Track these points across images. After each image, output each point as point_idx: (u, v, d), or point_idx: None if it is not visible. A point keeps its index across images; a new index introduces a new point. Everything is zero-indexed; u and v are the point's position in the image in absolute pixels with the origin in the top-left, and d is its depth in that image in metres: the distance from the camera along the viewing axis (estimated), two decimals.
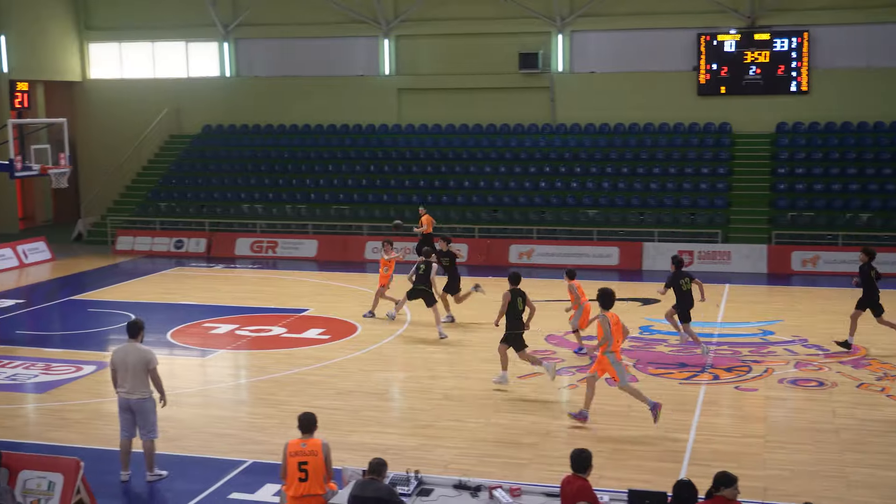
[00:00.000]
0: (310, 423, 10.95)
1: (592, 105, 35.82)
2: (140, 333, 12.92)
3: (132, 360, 12.68)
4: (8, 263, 30.13)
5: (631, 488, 10.16)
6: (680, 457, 13.68)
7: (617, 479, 12.63)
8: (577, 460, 9.82)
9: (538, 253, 30.33)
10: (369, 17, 37.49)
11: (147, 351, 12.83)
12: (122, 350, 12.82)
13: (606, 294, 15.09)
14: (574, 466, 9.80)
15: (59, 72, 40.27)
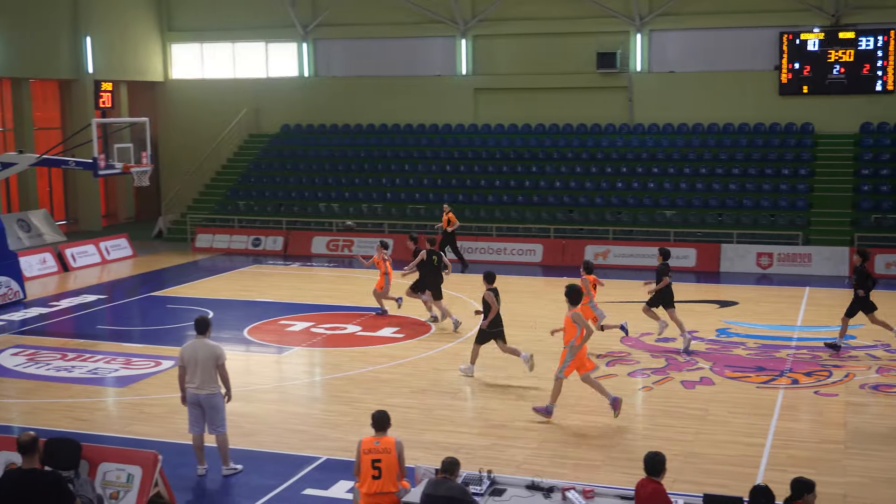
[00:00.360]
0: (383, 421, 10.97)
1: (671, 105, 35.46)
2: (208, 329, 13.06)
3: (202, 356, 12.82)
4: (91, 260, 30.74)
5: (706, 493, 10.03)
6: (756, 462, 13.44)
7: (692, 483, 12.47)
8: (651, 463, 9.69)
9: (614, 254, 30.08)
10: (447, 17, 37.55)
11: (216, 346, 12.98)
12: (192, 346, 12.97)
13: (575, 290, 15.42)
14: (648, 469, 9.68)
15: (142, 72, 41.01)
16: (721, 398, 16.34)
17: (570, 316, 15.13)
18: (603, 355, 19.05)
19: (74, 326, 22.74)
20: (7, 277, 24.42)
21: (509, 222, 32.61)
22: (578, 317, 15.13)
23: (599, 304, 19.31)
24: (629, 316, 21.73)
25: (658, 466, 9.65)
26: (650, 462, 9.68)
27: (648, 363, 18.57)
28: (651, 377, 17.62)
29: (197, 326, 13.05)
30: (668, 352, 19.33)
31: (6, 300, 24.30)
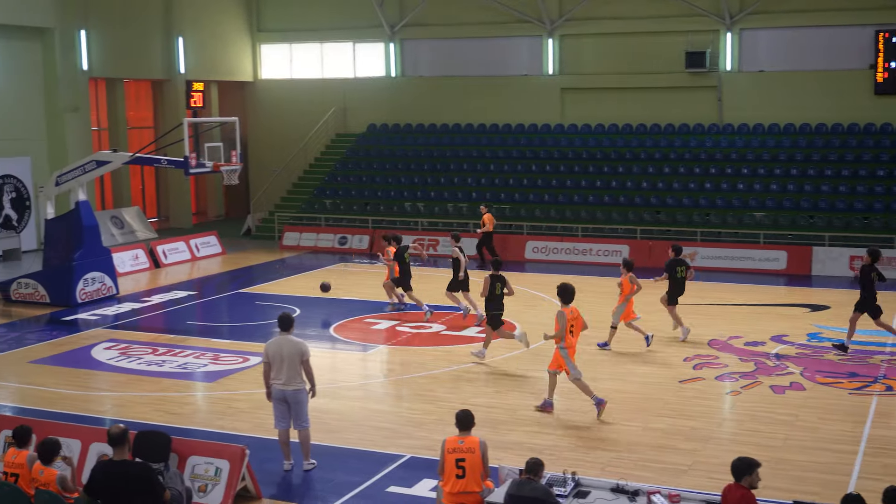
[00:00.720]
0: (468, 420, 11.00)
1: (761, 105, 34.85)
2: (292, 326, 13.19)
3: (287, 352, 12.96)
4: (181, 256, 31.28)
5: (796, 500, 9.84)
6: (848, 470, 13.14)
7: (780, 489, 12.25)
8: (741, 468, 9.52)
9: (701, 256, 29.66)
10: (534, 16, 37.43)
11: (301, 343, 13.11)
12: (277, 343, 13.10)
13: (566, 289, 15.38)
14: (736, 475, 9.51)
15: (232, 72, 41.64)
16: (811, 404, 16.02)
17: (557, 315, 15.30)
18: (690, 358, 18.83)
19: (165, 322, 23.18)
20: (101, 273, 24.96)
21: (595, 223, 32.37)
22: (561, 316, 15.20)
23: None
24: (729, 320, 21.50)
25: (746, 470, 9.45)
26: (739, 467, 9.51)
27: (737, 367, 18.27)
28: (739, 381, 17.33)
29: (281, 323, 13.19)
30: (758, 356, 19.00)
31: (100, 295, 24.86)
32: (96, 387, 17.47)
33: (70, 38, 33.95)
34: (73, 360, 19.15)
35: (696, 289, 26.25)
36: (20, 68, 32.97)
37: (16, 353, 19.81)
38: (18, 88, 32.89)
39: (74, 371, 18.43)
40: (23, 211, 32.55)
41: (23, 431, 11.23)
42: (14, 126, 32.70)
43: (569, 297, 15.38)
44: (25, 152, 32.87)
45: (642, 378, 17.59)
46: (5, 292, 24.87)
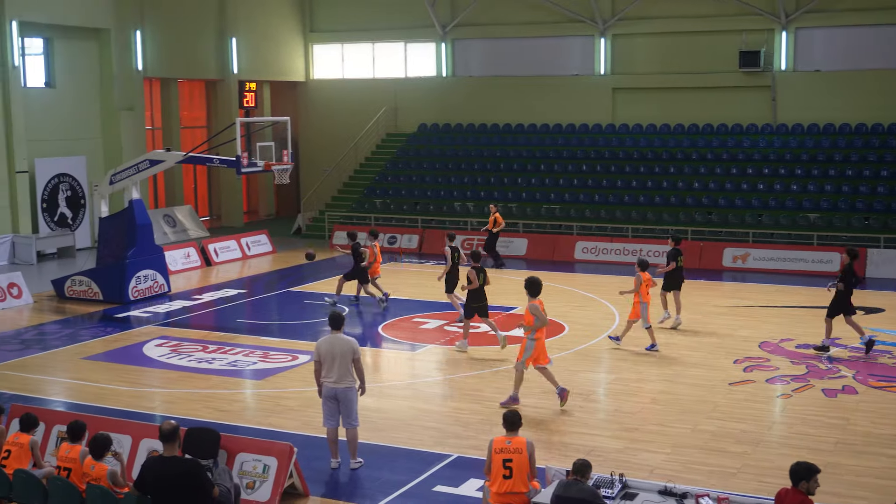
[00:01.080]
0: (515, 421, 10.99)
1: (816, 105, 34.41)
2: (342, 325, 13.25)
3: (339, 350, 13.01)
4: (232, 255, 31.53)
5: None
6: None
7: (832, 494, 12.08)
8: (799, 473, 9.27)
9: (754, 257, 29.36)
10: (586, 16, 37.28)
11: (352, 341, 13.16)
12: (328, 341, 13.16)
13: (534, 283, 15.67)
14: (794, 479, 9.28)
15: (284, 72, 41.91)
16: (864, 408, 15.80)
17: (528, 307, 15.49)
18: (740, 360, 18.64)
19: (215, 319, 23.39)
20: (153, 271, 25.22)
21: (645, 223, 32.18)
22: (535, 309, 15.37)
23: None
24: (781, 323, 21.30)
25: (804, 475, 9.22)
26: (797, 471, 9.27)
27: (788, 370, 18.05)
28: (791, 384, 17.12)
29: (332, 322, 13.26)
30: (810, 358, 18.77)
31: (152, 293, 25.13)
32: (147, 383, 17.66)
33: (126, 38, 34.38)
34: (124, 357, 19.38)
35: (747, 291, 26.04)
36: (77, 68, 33.45)
37: (69, 349, 20.09)
38: (75, 88, 33.38)
39: (126, 367, 18.65)
40: (77, 209, 33.01)
41: (77, 427, 11.39)
42: (70, 125, 33.19)
43: (537, 290, 15.71)
44: (81, 151, 33.35)
45: (692, 380, 17.44)
46: (59, 289, 25.22)
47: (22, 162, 30.71)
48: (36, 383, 17.69)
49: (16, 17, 30.21)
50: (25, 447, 11.58)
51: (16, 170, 30.54)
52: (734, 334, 20.85)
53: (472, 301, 19.50)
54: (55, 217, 32.22)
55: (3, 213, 30.46)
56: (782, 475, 12.72)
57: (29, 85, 32.02)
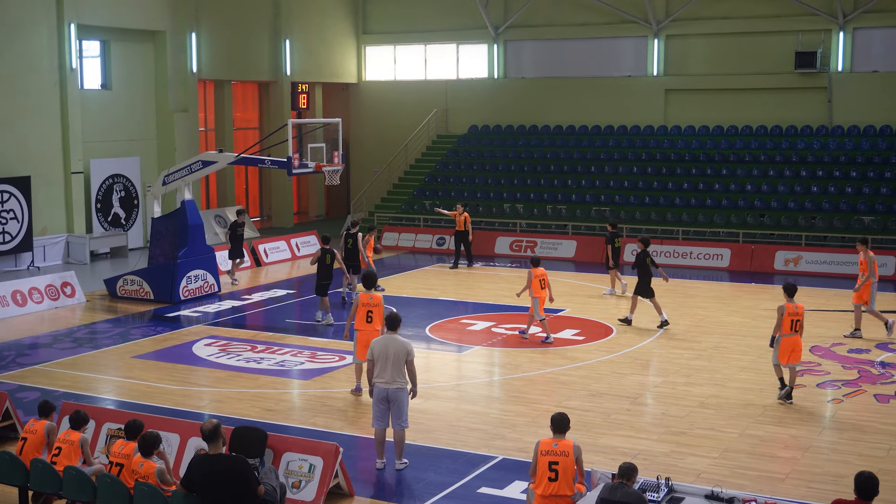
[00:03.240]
0: (563, 423, 10.88)
1: (874, 106, 33.88)
2: (399, 326, 13.29)
3: (393, 351, 13.05)
4: (282, 255, 31.73)
5: None
6: None
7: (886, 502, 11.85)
8: (865, 485, 8.93)
9: (806, 260, 28.99)
10: (639, 17, 37.05)
11: (407, 343, 13.20)
12: (383, 341, 13.20)
13: (368, 276, 16.63)
14: (860, 492, 8.95)
15: (337, 74, 42.13)
16: None
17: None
18: None
19: (264, 319, 23.55)
20: (204, 271, 25.45)
21: (696, 226, 31.90)
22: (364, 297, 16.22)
23: None
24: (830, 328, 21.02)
25: (872, 491, 8.89)
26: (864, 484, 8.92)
27: (839, 374, 17.81)
28: (842, 389, 16.89)
29: (389, 322, 13.30)
30: (862, 363, 18.50)
31: (202, 292, 25.35)
32: (196, 382, 17.82)
33: (181, 40, 34.74)
34: (174, 356, 19.58)
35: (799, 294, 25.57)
36: (133, 70, 33.87)
37: (119, 347, 20.33)
38: (130, 90, 33.80)
39: (175, 366, 18.84)
40: (131, 210, 33.41)
41: (134, 426, 11.45)
42: (125, 127, 33.61)
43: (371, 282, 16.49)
44: (135, 152, 33.75)
45: (742, 384, 17.25)
46: (112, 289, 25.54)
47: (77, 163, 31.16)
48: (87, 381, 17.92)
49: (74, 20, 30.66)
50: (76, 444, 11.73)
51: (71, 170, 31.01)
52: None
53: (322, 279, 22.53)
54: (109, 217, 32.65)
55: (59, 212, 30.93)
56: (832, 481, 12.64)
57: (85, 87, 32.47)
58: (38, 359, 19.41)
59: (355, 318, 16.14)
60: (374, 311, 16.04)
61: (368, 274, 16.66)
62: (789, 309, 16.02)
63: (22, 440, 12.17)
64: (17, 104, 29.57)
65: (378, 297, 16.17)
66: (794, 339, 16.03)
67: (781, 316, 16.02)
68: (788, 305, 16.07)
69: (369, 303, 16.05)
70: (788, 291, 16.34)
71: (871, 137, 33.55)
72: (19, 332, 21.72)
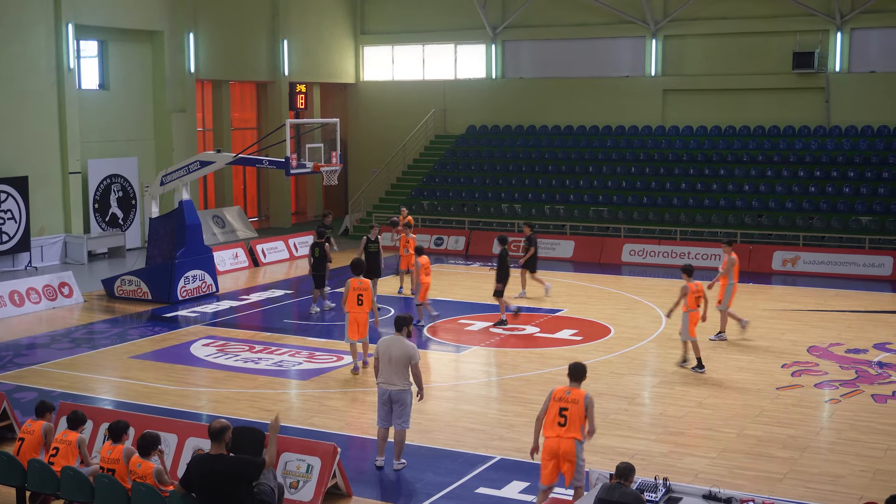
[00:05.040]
0: (579, 372, 11.52)
1: (871, 106, 33.89)
2: (405, 328, 13.27)
3: (395, 353, 13.04)
4: (280, 255, 31.72)
5: None
6: None
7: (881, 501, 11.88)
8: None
9: (804, 261, 29.01)
10: (637, 17, 37.05)
11: (411, 346, 13.14)
12: (387, 342, 13.20)
13: (356, 264, 18.33)
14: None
15: (335, 74, 42.11)
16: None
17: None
18: (788, 365, 18.44)
19: (262, 320, 23.54)
20: (202, 271, 25.44)
21: (694, 226, 31.92)
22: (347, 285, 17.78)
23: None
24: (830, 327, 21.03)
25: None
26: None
27: (837, 374, 17.83)
28: (839, 389, 16.91)
29: (396, 323, 13.30)
30: (859, 363, 18.52)
31: (200, 293, 25.35)
32: (194, 382, 17.81)
33: (179, 40, 34.71)
34: (172, 356, 19.57)
35: (797, 294, 25.76)
36: (130, 71, 33.85)
37: (117, 348, 20.32)
38: (128, 90, 33.78)
39: (173, 367, 18.83)
40: (128, 210, 33.40)
41: (118, 427, 11.44)
42: (123, 127, 33.59)
43: (359, 270, 18.18)
44: (133, 153, 33.73)
45: (739, 384, 17.27)
46: (109, 289, 25.53)
47: (75, 163, 31.14)
48: (84, 382, 17.91)
49: (72, 20, 30.63)
50: (73, 445, 11.71)
51: (69, 171, 30.99)
52: (782, 338, 20.63)
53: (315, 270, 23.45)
54: (106, 217, 32.63)
55: (56, 213, 30.91)
56: (829, 481, 12.67)
57: (83, 87, 32.44)
58: (36, 359, 19.40)
59: (347, 302, 17.79)
60: (364, 294, 17.82)
61: (356, 262, 18.48)
62: (692, 288, 17.91)
63: (19, 440, 12.17)
64: (14, 104, 29.54)
65: (366, 281, 18.00)
66: (698, 313, 18.07)
67: (685, 294, 17.89)
68: (690, 285, 17.92)
69: (359, 287, 17.83)
70: (688, 271, 18.22)
71: (868, 138, 33.58)
72: (17, 333, 21.71)
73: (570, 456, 11.05)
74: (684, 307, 18.01)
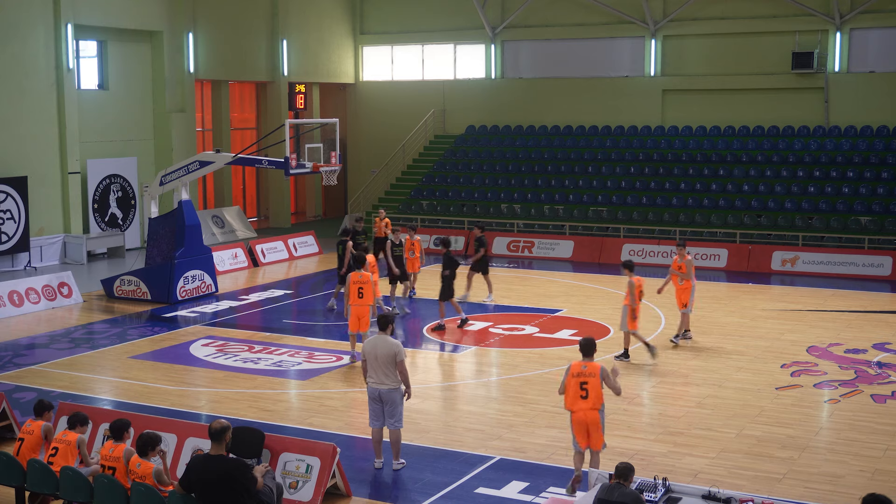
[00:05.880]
0: (590, 347, 12.68)
1: (870, 106, 33.89)
2: (389, 326, 13.26)
3: (381, 352, 13.04)
4: (279, 256, 31.71)
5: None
6: None
7: None
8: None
9: (803, 261, 29.01)
10: (637, 17, 37.06)
11: (395, 344, 13.14)
12: (373, 342, 13.20)
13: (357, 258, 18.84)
14: None
15: (334, 74, 42.11)
16: None
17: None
18: (788, 365, 18.44)
19: (262, 320, 23.53)
20: (201, 271, 25.44)
21: (693, 226, 31.92)
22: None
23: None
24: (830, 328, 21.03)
25: None
26: None
27: (836, 374, 17.83)
28: (839, 389, 16.91)
29: (379, 322, 13.30)
30: (859, 363, 18.52)
31: (199, 293, 25.34)
32: (193, 382, 17.81)
33: (178, 40, 34.72)
34: (171, 356, 19.57)
35: (796, 294, 25.76)
36: (130, 71, 33.85)
37: (117, 348, 20.31)
38: (127, 90, 33.77)
39: (173, 367, 18.83)
40: (128, 210, 33.39)
41: (120, 426, 11.44)
42: (122, 127, 33.59)
43: (360, 263, 18.69)
44: (132, 153, 33.73)
45: (738, 384, 17.27)
46: (109, 289, 25.52)
47: (74, 163, 31.14)
48: (84, 381, 17.91)
49: (71, 20, 30.63)
50: (73, 445, 11.70)
51: (68, 171, 30.98)
52: (782, 338, 20.64)
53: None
54: (106, 217, 32.63)
55: (55, 213, 30.90)
56: (829, 481, 12.67)
57: (82, 87, 32.44)
58: (35, 359, 19.40)
59: (349, 295, 18.51)
60: (365, 287, 18.46)
61: (358, 256, 19.05)
62: (635, 282, 18.56)
63: (19, 440, 12.17)
64: (13, 104, 29.54)
65: (367, 275, 18.57)
66: (639, 307, 18.72)
67: (634, 288, 18.50)
68: (634, 279, 18.62)
69: (359, 280, 18.49)
70: (629, 266, 19.02)
71: (867, 138, 33.58)
72: (16, 333, 21.71)
73: (596, 424, 12.29)
74: (626, 300, 18.59)
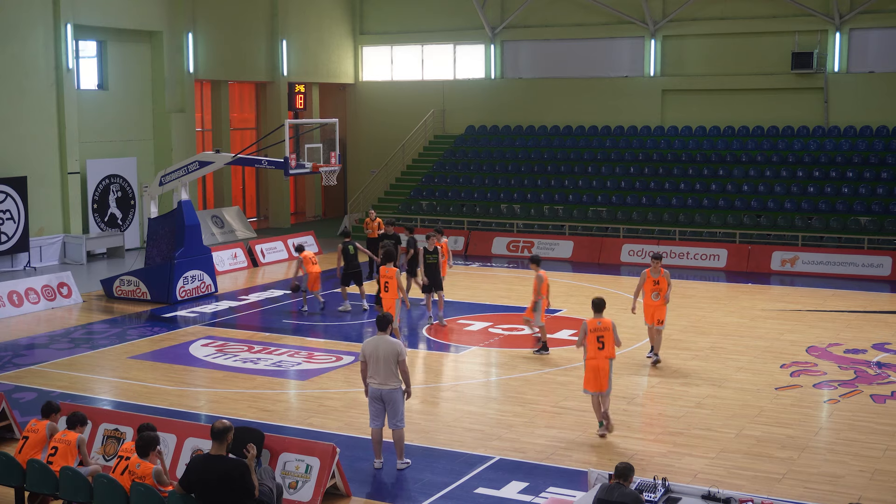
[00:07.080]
0: (602, 305, 14.73)
1: (870, 106, 33.91)
2: (389, 326, 13.27)
3: (383, 352, 13.05)
4: (279, 256, 31.70)
5: None
6: None
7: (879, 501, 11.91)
8: None
9: (803, 261, 29.02)
10: (636, 17, 37.06)
11: (397, 343, 13.16)
12: (373, 342, 13.20)
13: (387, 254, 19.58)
14: None
15: (334, 74, 42.11)
16: None
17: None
18: (787, 365, 18.44)
19: (261, 320, 23.53)
20: (201, 271, 25.44)
21: (693, 226, 31.93)
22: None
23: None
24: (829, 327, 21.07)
25: None
26: None
27: (836, 375, 17.83)
28: (838, 389, 16.91)
29: (378, 323, 13.30)
30: (858, 364, 18.52)
31: (199, 293, 25.34)
32: (193, 383, 17.81)
33: (178, 41, 34.72)
34: (171, 357, 19.57)
35: (796, 294, 25.78)
36: (129, 71, 33.85)
37: (116, 348, 20.32)
38: (127, 90, 33.77)
39: (172, 367, 18.83)
40: (127, 210, 33.39)
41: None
42: (122, 127, 33.59)
43: (388, 259, 19.38)
44: (132, 153, 33.73)
45: (738, 384, 17.27)
46: (108, 289, 25.52)
47: (74, 163, 31.14)
48: (84, 382, 17.91)
49: (70, 20, 30.63)
50: (72, 445, 11.71)
51: (68, 171, 30.98)
52: (781, 338, 20.64)
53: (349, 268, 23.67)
54: (105, 217, 32.63)
55: (55, 213, 30.90)
56: (828, 481, 12.67)
57: (82, 87, 32.44)
58: (35, 359, 19.40)
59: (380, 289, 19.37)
60: (390, 282, 19.15)
61: (387, 252, 19.69)
62: (545, 279, 19.54)
63: (23, 439, 12.18)
64: (13, 104, 29.54)
65: (393, 270, 19.19)
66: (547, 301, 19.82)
67: (541, 283, 19.32)
68: (543, 274, 19.53)
69: (385, 274, 19.22)
70: (536, 261, 19.72)
71: (867, 138, 33.59)
72: (16, 333, 21.71)
73: (606, 371, 14.45)
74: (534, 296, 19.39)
